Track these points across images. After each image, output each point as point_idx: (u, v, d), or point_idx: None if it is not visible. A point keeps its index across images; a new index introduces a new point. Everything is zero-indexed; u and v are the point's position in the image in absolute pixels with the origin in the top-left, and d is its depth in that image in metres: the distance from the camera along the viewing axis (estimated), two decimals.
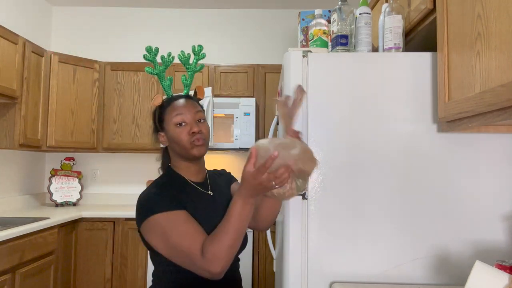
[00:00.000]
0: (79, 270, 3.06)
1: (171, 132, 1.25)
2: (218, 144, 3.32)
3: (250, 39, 3.90)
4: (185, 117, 1.24)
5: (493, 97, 0.96)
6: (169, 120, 1.26)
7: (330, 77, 1.42)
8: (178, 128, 1.24)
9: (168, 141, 1.28)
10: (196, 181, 1.31)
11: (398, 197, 1.38)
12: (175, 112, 1.25)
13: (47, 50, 3.18)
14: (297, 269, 1.37)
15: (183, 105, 1.27)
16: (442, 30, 1.27)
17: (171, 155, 1.32)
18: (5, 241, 2.14)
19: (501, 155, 1.35)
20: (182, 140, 1.23)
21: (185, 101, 1.28)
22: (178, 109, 1.25)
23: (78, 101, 3.35)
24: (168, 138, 1.27)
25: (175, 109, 1.26)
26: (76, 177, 3.60)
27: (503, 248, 1.33)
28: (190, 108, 1.26)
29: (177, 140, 1.24)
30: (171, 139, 1.26)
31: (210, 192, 1.31)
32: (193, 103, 1.29)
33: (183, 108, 1.26)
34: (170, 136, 1.26)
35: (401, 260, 1.36)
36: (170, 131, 1.25)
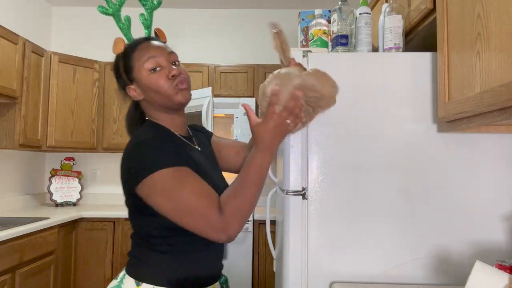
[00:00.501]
0: (79, 270, 3.06)
1: (145, 81, 1.05)
2: None
3: (250, 39, 3.90)
4: (159, 60, 1.06)
5: (493, 97, 0.96)
6: (139, 67, 1.06)
7: None
8: (153, 74, 1.05)
9: (142, 93, 1.08)
10: (183, 135, 1.14)
11: (398, 197, 1.38)
12: (146, 56, 1.06)
13: (47, 50, 3.18)
14: (297, 269, 1.37)
15: (153, 47, 1.08)
16: (442, 30, 1.27)
17: (148, 109, 1.12)
18: (5, 241, 2.14)
19: (501, 155, 1.35)
20: (162, 87, 1.04)
21: (154, 43, 1.10)
22: (149, 52, 1.06)
23: (78, 101, 3.35)
24: (142, 88, 1.07)
25: (145, 53, 1.06)
26: (76, 177, 3.60)
27: (503, 248, 1.33)
28: (162, 50, 1.08)
29: (155, 87, 1.04)
30: (146, 88, 1.06)
31: (198, 147, 1.16)
32: (162, 44, 1.12)
33: (154, 50, 1.07)
34: (144, 85, 1.06)
35: (401, 260, 1.36)
36: (143, 79, 1.05)
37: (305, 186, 1.40)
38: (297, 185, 1.40)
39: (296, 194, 1.40)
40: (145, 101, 1.11)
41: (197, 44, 3.88)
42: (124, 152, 1.03)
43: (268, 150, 0.98)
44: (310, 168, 1.40)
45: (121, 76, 1.11)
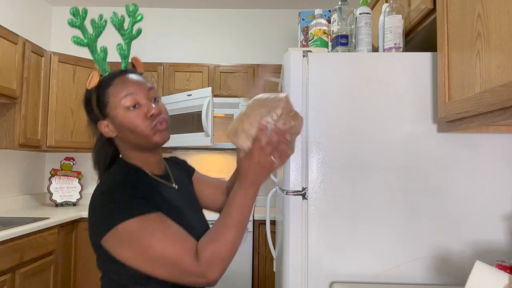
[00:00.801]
0: (79, 270, 3.06)
1: (120, 119, 0.98)
2: (218, 144, 3.32)
3: (250, 39, 3.90)
4: (137, 97, 0.99)
5: (493, 97, 0.96)
6: (116, 103, 0.98)
7: (330, 77, 1.42)
8: (130, 111, 0.98)
9: (116, 130, 1.01)
10: (158, 173, 1.07)
11: (398, 197, 1.38)
12: (124, 92, 0.98)
13: (47, 50, 3.18)
14: (297, 269, 1.37)
15: (131, 82, 1.00)
16: (442, 30, 1.27)
17: (120, 147, 1.06)
18: (5, 241, 2.14)
19: (501, 155, 1.35)
20: (139, 127, 0.97)
21: (132, 78, 1.02)
22: (127, 88, 0.99)
23: (78, 101, 3.35)
24: (117, 126, 1.00)
25: (123, 88, 0.99)
26: (76, 177, 3.60)
27: (503, 248, 1.33)
28: (141, 85, 1.01)
29: (131, 127, 0.97)
30: (121, 127, 0.99)
31: (174, 185, 1.10)
32: (141, 78, 1.05)
33: (133, 85, 1.00)
34: (119, 123, 0.99)
35: (401, 260, 1.36)
36: (119, 117, 0.98)
37: (305, 186, 1.40)
38: (297, 185, 1.40)
39: (296, 194, 1.40)
40: (118, 138, 1.04)
41: (197, 44, 3.88)
42: (90, 202, 0.97)
43: (251, 187, 0.91)
44: (310, 168, 1.40)
45: (93, 111, 1.04)
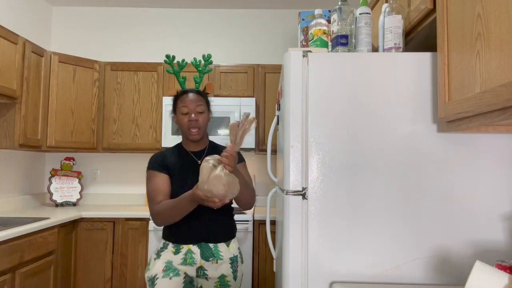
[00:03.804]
0: (79, 270, 3.06)
1: (178, 117, 1.78)
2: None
3: (250, 39, 3.90)
4: (188, 109, 1.74)
5: (493, 97, 0.96)
6: (178, 108, 1.77)
7: (330, 77, 1.42)
8: (182, 115, 1.75)
9: (177, 122, 1.80)
10: (194, 150, 1.84)
11: (398, 197, 1.38)
12: (182, 104, 1.75)
13: (47, 50, 3.18)
14: (297, 269, 1.37)
15: (189, 99, 1.76)
16: (442, 30, 1.27)
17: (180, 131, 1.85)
18: (5, 241, 2.14)
19: (501, 155, 1.36)
20: (183, 125, 1.76)
21: (192, 96, 1.77)
22: (185, 102, 1.75)
23: (78, 101, 3.35)
24: (177, 121, 1.80)
25: (183, 102, 1.76)
26: (76, 177, 3.60)
27: (503, 248, 1.33)
28: (193, 102, 1.75)
29: (180, 124, 1.78)
30: (177, 122, 1.79)
31: (199, 161, 1.80)
32: (197, 98, 1.77)
33: (189, 101, 1.75)
34: (177, 119, 1.79)
35: (401, 260, 1.36)
36: (178, 116, 1.78)
37: (305, 186, 1.40)
38: (297, 185, 1.40)
39: (296, 194, 1.40)
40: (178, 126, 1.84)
41: (197, 44, 3.88)
42: None
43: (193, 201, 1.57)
44: (310, 168, 1.40)
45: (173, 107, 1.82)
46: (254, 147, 3.32)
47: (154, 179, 1.73)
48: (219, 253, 1.74)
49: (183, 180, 1.73)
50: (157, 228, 3.03)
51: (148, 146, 3.42)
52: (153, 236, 3.04)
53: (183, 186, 1.68)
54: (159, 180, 1.72)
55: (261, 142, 3.43)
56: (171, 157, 1.80)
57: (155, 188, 1.70)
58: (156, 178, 1.73)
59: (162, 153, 1.82)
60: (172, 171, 1.75)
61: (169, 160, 1.78)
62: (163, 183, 1.72)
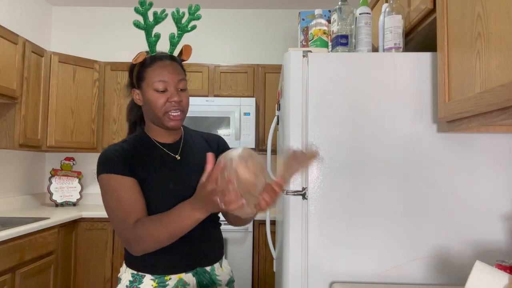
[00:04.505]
0: (79, 270, 3.06)
1: (148, 95, 1.18)
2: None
3: (250, 39, 3.90)
4: (167, 85, 1.18)
5: (493, 97, 0.96)
6: (149, 83, 1.18)
7: (330, 77, 1.42)
8: (157, 93, 1.17)
9: (142, 101, 1.22)
10: (165, 142, 1.26)
11: (398, 197, 1.38)
12: (158, 78, 1.17)
13: (47, 50, 3.18)
14: (297, 269, 1.37)
15: (167, 71, 1.18)
16: (442, 30, 1.27)
17: (144, 115, 1.27)
18: (5, 241, 2.14)
19: (501, 155, 1.35)
20: (158, 107, 1.17)
21: (170, 65, 1.20)
22: (161, 75, 1.17)
23: (78, 101, 3.35)
24: (144, 99, 1.21)
25: (158, 74, 1.18)
26: (76, 177, 3.59)
27: (503, 248, 1.33)
28: (173, 75, 1.19)
29: (153, 105, 1.18)
30: (146, 101, 1.19)
31: (177, 156, 1.24)
32: (177, 69, 1.21)
33: (167, 74, 1.18)
34: (146, 98, 1.19)
35: (401, 260, 1.36)
36: (147, 93, 1.18)
37: (305, 186, 1.40)
38: (297, 185, 1.40)
39: (296, 194, 1.40)
40: (143, 107, 1.25)
41: (197, 44, 3.88)
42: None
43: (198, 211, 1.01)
44: (310, 168, 1.40)
45: (132, 79, 1.24)
46: (254, 147, 3.32)
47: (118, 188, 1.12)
48: (216, 278, 1.25)
49: (162, 186, 1.17)
50: None
51: None
52: None
53: (164, 195, 1.16)
54: (127, 188, 1.12)
55: (261, 142, 3.43)
56: (135, 152, 1.20)
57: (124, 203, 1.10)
58: (121, 187, 1.12)
59: (119, 146, 1.20)
60: (141, 173, 1.16)
61: (134, 157, 1.18)
62: (134, 193, 1.12)
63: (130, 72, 1.25)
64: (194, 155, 1.27)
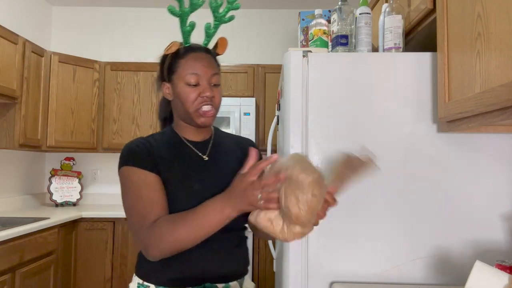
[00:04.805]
0: (79, 270, 3.06)
1: (179, 89, 1.10)
2: None
3: (250, 39, 3.90)
4: (200, 78, 1.09)
5: (493, 97, 0.96)
6: (181, 75, 1.10)
7: (330, 77, 1.42)
8: (188, 87, 1.09)
9: (172, 96, 1.14)
10: (194, 140, 1.17)
11: (398, 197, 1.37)
12: (191, 70, 1.09)
13: (47, 50, 3.18)
14: (297, 269, 1.37)
15: (201, 63, 1.11)
16: (442, 30, 1.27)
17: (174, 111, 1.19)
18: (5, 241, 2.14)
19: (501, 155, 1.35)
20: (189, 102, 1.09)
21: (204, 58, 1.12)
22: (195, 67, 1.10)
23: (78, 101, 3.35)
24: (174, 93, 1.13)
25: (191, 66, 1.10)
26: (76, 177, 3.59)
27: (503, 248, 1.33)
28: (207, 69, 1.11)
29: (183, 100, 1.10)
30: (177, 95, 1.12)
31: (205, 156, 1.15)
32: (212, 62, 1.14)
33: (201, 68, 1.10)
34: (177, 92, 1.11)
35: (401, 260, 1.36)
36: (178, 87, 1.11)
37: None
38: None
39: None
40: (173, 103, 1.17)
41: None
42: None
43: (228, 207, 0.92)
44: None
45: (163, 71, 1.16)
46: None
47: (139, 183, 1.04)
48: None
49: (187, 186, 1.08)
50: None
51: None
52: None
53: (188, 196, 1.06)
54: (148, 185, 1.04)
55: (261, 142, 3.43)
56: (161, 148, 1.12)
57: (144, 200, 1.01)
58: (143, 182, 1.04)
59: (145, 140, 1.12)
60: (166, 171, 1.08)
61: (160, 152, 1.10)
62: (156, 191, 1.04)
63: (161, 63, 1.17)
64: (223, 157, 1.18)
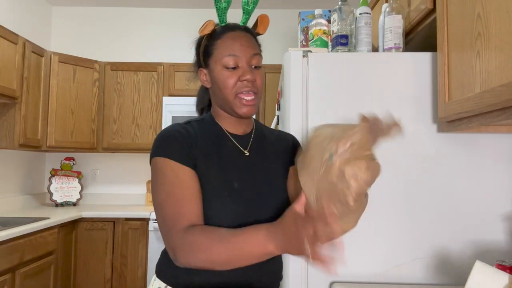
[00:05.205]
0: (79, 270, 3.06)
1: (216, 73, 0.99)
2: None
3: None
4: (239, 60, 0.98)
5: (493, 97, 0.96)
6: (218, 58, 0.99)
7: (330, 77, 1.42)
8: (227, 71, 0.98)
9: (210, 82, 1.03)
10: (234, 133, 1.05)
11: (398, 197, 1.37)
12: (228, 51, 0.98)
13: (47, 50, 3.18)
14: (297, 269, 1.37)
15: (239, 43, 0.99)
16: (442, 30, 1.27)
17: (212, 99, 1.07)
18: (5, 241, 2.14)
19: (501, 155, 1.35)
20: (228, 87, 0.97)
21: (243, 37, 1.00)
22: (233, 48, 0.98)
23: (78, 101, 3.35)
24: (212, 79, 1.01)
25: (229, 47, 0.98)
26: (76, 177, 3.60)
27: (503, 248, 1.33)
28: (247, 49, 0.99)
29: (222, 85, 0.98)
30: (215, 81, 1.00)
31: (246, 152, 1.03)
32: (252, 41, 1.02)
33: (239, 47, 0.98)
34: (214, 77, 1.00)
35: (401, 260, 1.36)
36: (216, 71, 0.99)
37: None
38: None
39: None
40: (211, 90, 1.06)
41: None
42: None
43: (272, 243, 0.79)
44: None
45: (199, 56, 1.05)
46: None
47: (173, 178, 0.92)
48: None
49: (225, 184, 0.97)
50: (157, 228, 3.02)
51: (148, 146, 3.42)
52: (153, 236, 3.04)
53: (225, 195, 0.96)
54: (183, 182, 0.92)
55: None
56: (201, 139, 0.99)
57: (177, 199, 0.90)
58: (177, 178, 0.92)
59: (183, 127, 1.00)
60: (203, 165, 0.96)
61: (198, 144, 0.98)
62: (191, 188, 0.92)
63: (197, 47, 1.06)
64: (265, 153, 1.07)
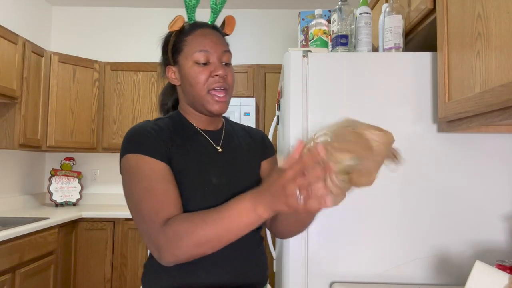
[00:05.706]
0: (79, 270, 3.06)
1: (186, 70, 0.97)
2: None
3: (250, 39, 3.90)
4: (210, 56, 0.97)
5: (493, 97, 0.96)
6: (189, 54, 0.97)
7: (330, 77, 1.42)
8: (198, 66, 0.96)
9: (180, 79, 1.01)
10: (207, 129, 1.04)
11: (398, 197, 1.37)
12: (199, 47, 0.97)
13: (47, 50, 3.18)
14: (297, 269, 1.37)
15: (210, 39, 0.98)
16: (442, 30, 1.27)
17: (180, 98, 1.05)
18: (5, 241, 2.14)
19: (501, 155, 1.35)
20: (199, 83, 0.95)
21: (213, 34, 1.00)
22: (204, 44, 0.97)
23: (78, 101, 3.35)
24: (181, 76, 0.99)
25: (200, 42, 0.97)
26: (76, 177, 3.60)
27: (503, 248, 1.33)
28: (218, 45, 0.99)
29: (193, 81, 0.96)
30: (185, 78, 0.98)
31: (218, 148, 1.02)
32: (222, 39, 1.03)
33: (210, 44, 0.98)
34: (184, 74, 0.98)
35: (401, 260, 1.36)
36: (186, 68, 0.98)
37: None
38: None
39: None
40: (180, 88, 1.04)
41: None
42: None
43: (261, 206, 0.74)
44: None
45: (167, 53, 1.04)
46: None
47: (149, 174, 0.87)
48: None
49: (203, 180, 0.95)
50: None
51: None
52: None
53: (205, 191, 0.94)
54: (160, 177, 0.88)
55: None
56: (173, 134, 0.98)
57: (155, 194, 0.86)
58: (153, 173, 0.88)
59: (154, 124, 0.98)
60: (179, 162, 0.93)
61: (172, 140, 0.96)
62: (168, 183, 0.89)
63: (164, 45, 1.05)
64: (237, 149, 1.06)
